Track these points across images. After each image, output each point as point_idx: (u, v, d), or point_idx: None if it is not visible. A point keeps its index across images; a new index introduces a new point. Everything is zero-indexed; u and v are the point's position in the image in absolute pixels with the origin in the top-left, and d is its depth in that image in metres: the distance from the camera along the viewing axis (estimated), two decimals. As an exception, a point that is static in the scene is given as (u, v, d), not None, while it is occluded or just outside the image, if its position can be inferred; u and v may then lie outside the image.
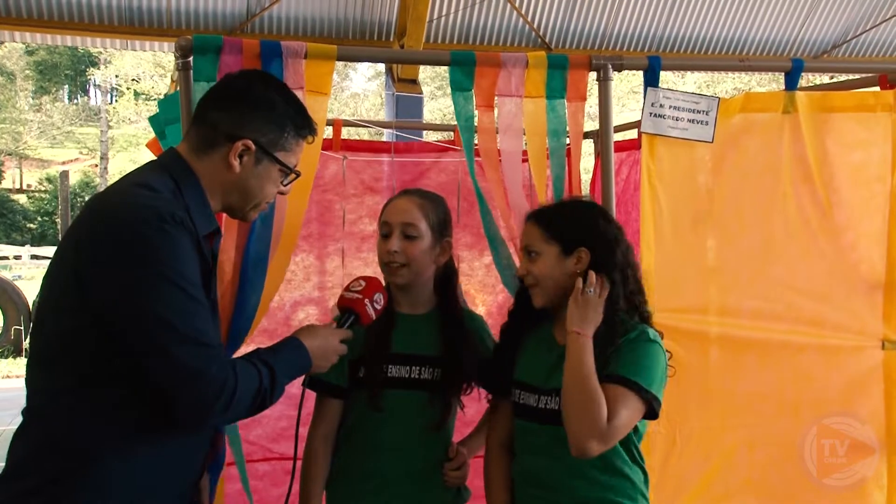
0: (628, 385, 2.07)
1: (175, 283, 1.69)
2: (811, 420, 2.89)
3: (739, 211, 2.89)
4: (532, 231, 2.27)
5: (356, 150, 4.30)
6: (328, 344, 2.05)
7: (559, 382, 2.14)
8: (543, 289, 2.23)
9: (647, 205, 2.73)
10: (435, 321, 2.44)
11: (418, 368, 2.37)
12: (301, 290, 4.14)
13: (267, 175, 1.95)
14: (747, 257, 2.88)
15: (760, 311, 2.87)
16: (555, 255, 2.21)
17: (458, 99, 2.66)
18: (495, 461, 2.37)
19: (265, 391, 1.81)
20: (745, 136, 2.88)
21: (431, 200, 2.45)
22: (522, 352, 2.33)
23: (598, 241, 2.20)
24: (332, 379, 2.36)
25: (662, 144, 2.76)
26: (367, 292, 2.19)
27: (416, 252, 2.37)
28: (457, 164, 4.20)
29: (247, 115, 1.91)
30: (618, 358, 2.10)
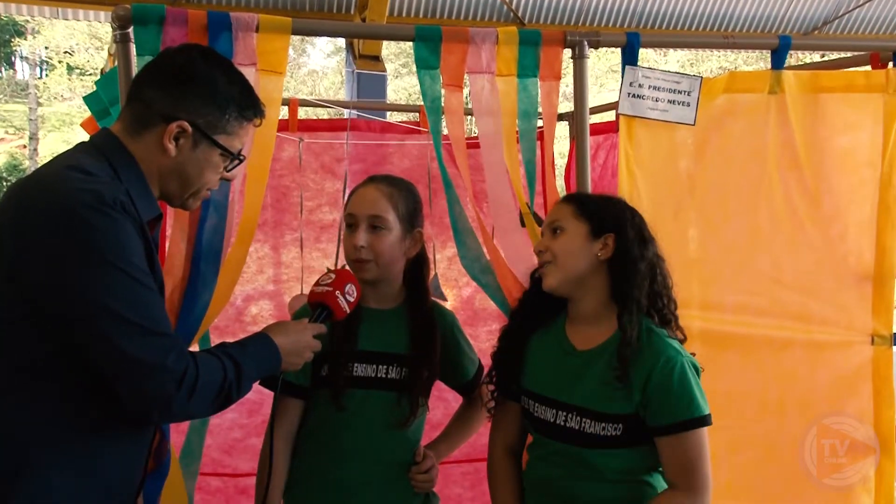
0: (690, 425, 2.09)
1: (123, 270, 1.68)
2: (799, 420, 2.94)
3: (723, 199, 2.93)
4: (562, 208, 2.28)
5: (314, 131, 4.29)
6: (300, 340, 2.06)
7: (582, 398, 2.15)
8: (560, 267, 2.22)
9: (625, 191, 2.75)
10: (403, 317, 2.45)
11: (385, 367, 2.38)
12: (254, 284, 4.12)
13: (206, 160, 1.92)
14: (731, 248, 2.92)
15: (744, 304, 2.91)
16: (582, 234, 2.22)
17: (424, 77, 2.66)
18: (502, 466, 2.37)
19: (230, 384, 1.81)
20: (729, 118, 2.92)
21: (400, 188, 2.44)
22: (530, 354, 2.33)
23: (629, 231, 2.22)
24: (293, 377, 2.35)
25: (641, 127, 2.79)
26: (337, 284, 2.20)
27: (384, 246, 2.36)
28: (422, 147, 4.21)
29: (184, 93, 1.88)
30: (664, 398, 2.09)
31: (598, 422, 2.12)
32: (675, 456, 2.10)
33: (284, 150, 4.16)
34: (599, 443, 2.13)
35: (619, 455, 2.14)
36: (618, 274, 2.20)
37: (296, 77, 28.94)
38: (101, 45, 27.72)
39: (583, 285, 2.22)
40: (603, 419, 2.12)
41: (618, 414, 2.11)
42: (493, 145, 2.67)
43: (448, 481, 3.82)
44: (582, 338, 2.25)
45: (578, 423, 2.14)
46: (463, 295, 4.26)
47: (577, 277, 2.22)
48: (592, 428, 2.12)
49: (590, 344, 2.22)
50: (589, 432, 2.13)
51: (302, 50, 29.32)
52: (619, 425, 2.11)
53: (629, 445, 2.13)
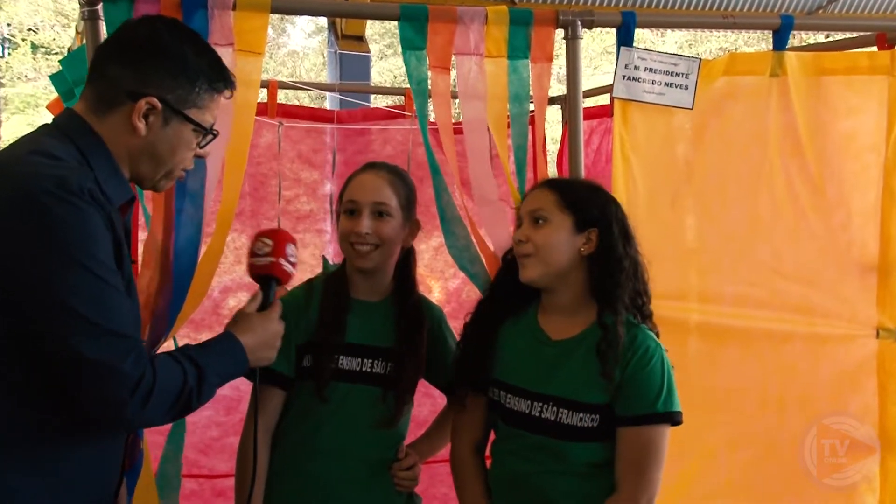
0: (657, 419, 2.14)
1: (85, 265, 1.65)
2: (800, 417, 2.96)
3: (722, 186, 2.94)
4: (545, 196, 2.28)
5: (294, 117, 4.28)
6: (267, 331, 2.04)
7: (560, 388, 2.17)
8: (542, 260, 2.23)
9: (620, 178, 2.76)
10: (390, 310, 2.45)
11: (371, 361, 2.39)
12: (231, 275, 4.12)
13: (178, 137, 1.90)
14: (730, 237, 2.93)
15: (744, 296, 2.92)
16: (566, 227, 2.23)
17: (410, 59, 2.66)
18: (469, 464, 2.37)
19: (190, 391, 1.78)
20: (728, 101, 2.93)
21: (400, 176, 2.48)
22: (501, 344, 2.34)
23: (614, 227, 2.24)
24: (277, 366, 2.32)
25: (637, 111, 2.79)
26: (278, 251, 2.14)
27: (389, 232, 2.39)
28: (407, 132, 4.21)
29: (151, 68, 1.85)
30: (638, 387, 2.15)
31: (576, 412, 2.16)
32: (629, 450, 2.14)
33: (262, 136, 4.16)
34: (575, 434, 2.16)
35: (593, 448, 2.17)
36: (600, 270, 2.23)
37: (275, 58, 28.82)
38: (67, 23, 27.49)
39: (562, 278, 2.24)
40: (580, 409, 2.15)
41: (595, 404, 2.15)
42: (477, 131, 2.68)
43: (434, 480, 3.83)
44: (556, 328, 2.27)
45: (555, 414, 2.17)
46: (449, 287, 4.26)
47: (558, 271, 2.24)
48: (569, 419, 2.16)
49: (565, 334, 2.25)
50: (566, 423, 2.16)
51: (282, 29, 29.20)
52: (596, 416, 2.15)
53: (604, 438, 2.16)
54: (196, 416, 3.74)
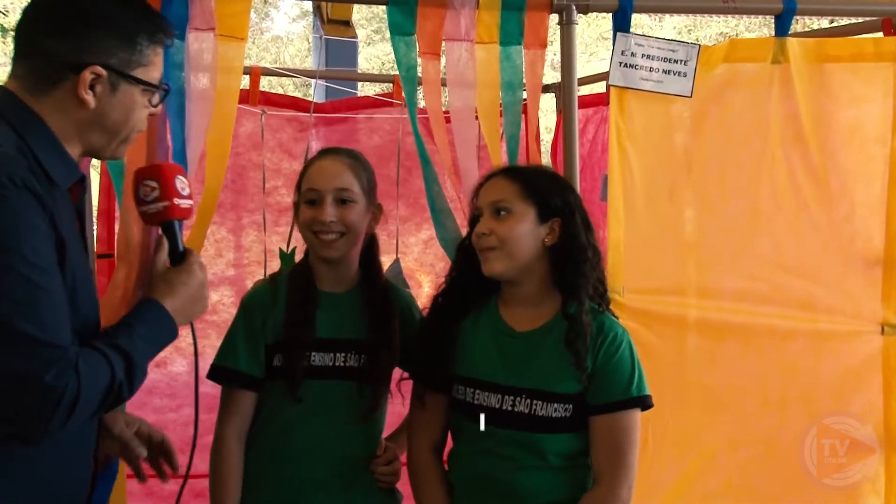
0: (632, 404, 2.20)
1: (12, 266, 1.57)
2: (802, 416, 2.97)
3: (722, 177, 2.95)
4: (505, 186, 2.28)
5: (277, 106, 4.28)
6: (189, 288, 1.95)
7: (533, 380, 2.19)
8: (507, 254, 2.23)
9: (616, 169, 2.77)
10: (358, 300, 2.45)
11: (343, 355, 2.39)
12: (213, 269, 4.12)
13: (130, 101, 1.84)
14: (730, 230, 2.94)
15: (744, 291, 2.93)
16: (530, 218, 2.24)
17: (399, 45, 2.66)
18: (429, 466, 2.36)
19: (120, 385, 1.71)
20: (728, 89, 2.94)
21: (360, 160, 2.47)
22: (463, 340, 2.34)
23: (576, 216, 2.26)
24: (246, 367, 2.35)
25: (634, 99, 2.80)
26: (169, 191, 1.97)
27: (353, 218, 2.38)
28: (395, 122, 4.21)
29: (87, 35, 1.78)
30: (610, 374, 2.20)
31: (550, 403, 2.19)
32: (606, 438, 2.18)
33: (243, 125, 4.15)
34: (550, 426, 2.19)
35: (567, 439, 2.21)
36: (563, 261, 2.25)
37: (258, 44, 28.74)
38: (41, 8, 27.33)
39: (525, 270, 2.26)
40: (554, 399, 2.19)
41: (568, 393, 2.19)
42: (465, 121, 2.68)
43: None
44: (520, 320, 2.29)
45: (528, 407, 2.20)
46: (439, 281, 4.28)
47: (522, 264, 2.25)
48: (544, 410, 2.19)
49: (530, 325, 2.28)
50: (540, 415, 2.19)
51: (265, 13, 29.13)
52: (569, 405, 2.19)
53: (577, 428, 2.20)
54: (176, 413, 3.74)
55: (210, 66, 2.54)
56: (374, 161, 4.23)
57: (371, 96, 4.58)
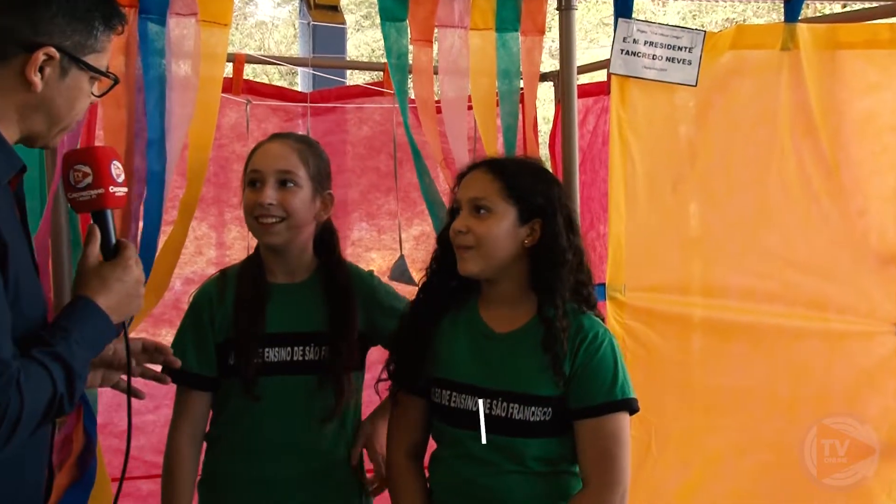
0: (616, 407, 2.19)
1: None
2: (812, 421, 2.97)
3: (728, 169, 2.95)
4: (486, 182, 2.26)
5: (262, 95, 4.28)
6: (125, 285, 1.87)
7: (509, 382, 2.20)
8: (483, 255, 2.23)
9: (618, 161, 2.78)
10: (316, 289, 2.46)
11: (301, 348, 2.40)
12: (193, 266, 4.11)
13: (77, 88, 1.81)
14: (737, 225, 2.95)
15: (752, 289, 2.94)
16: (510, 219, 2.23)
17: (390, 31, 2.67)
18: (407, 472, 2.37)
19: (61, 398, 1.67)
20: (735, 78, 2.95)
21: (309, 145, 2.47)
22: (441, 340, 2.35)
23: (559, 217, 2.24)
24: (196, 367, 2.36)
25: (636, 88, 2.81)
26: (103, 178, 1.89)
27: (295, 203, 2.36)
28: (386, 112, 4.22)
29: (44, 15, 1.74)
30: (591, 376, 2.19)
31: (527, 406, 2.19)
32: (593, 442, 2.18)
33: (226, 115, 4.15)
34: (528, 430, 2.19)
35: (546, 444, 2.21)
36: (541, 264, 2.24)
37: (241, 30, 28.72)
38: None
39: (503, 271, 2.26)
40: (532, 402, 2.19)
41: (547, 396, 2.19)
42: (457, 111, 2.69)
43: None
44: (500, 320, 2.29)
45: (505, 410, 2.20)
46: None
47: (499, 265, 2.25)
48: (521, 413, 2.19)
49: (509, 326, 2.28)
50: (517, 419, 2.20)
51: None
52: (549, 409, 2.19)
53: (557, 433, 2.20)
54: (155, 414, 3.76)
55: (192, 52, 2.55)
56: (365, 153, 4.25)
57: (361, 85, 4.58)
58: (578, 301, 2.27)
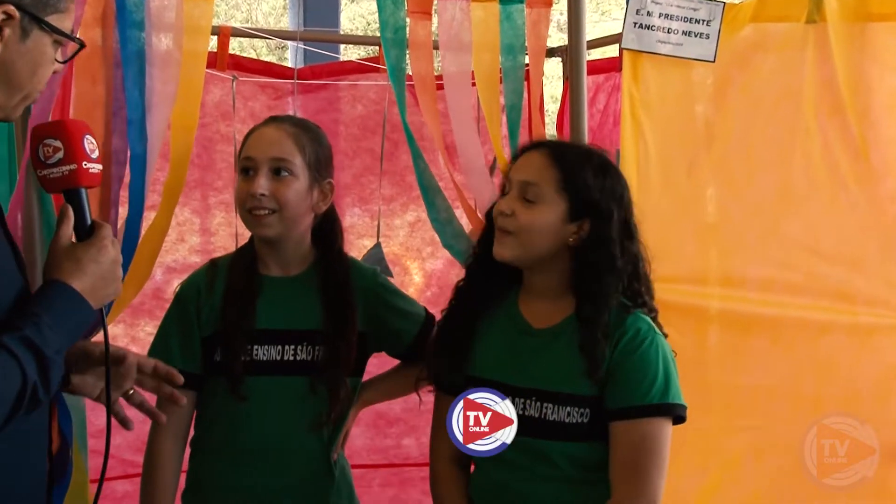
0: (653, 412, 2.15)
1: None
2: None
3: (748, 151, 2.97)
4: (543, 168, 2.23)
5: (249, 71, 4.28)
6: (101, 266, 1.83)
7: (542, 380, 2.19)
8: (522, 244, 2.22)
9: (629, 143, 2.80)
10: (312, 284, 2.45)
11: (293, 347, 2.40)
12: (174, 254, 4.12)
13: (39, 52, 1.76)
14: (757, 211, 2.97)
15: (773, 280, 2.96)
16: (559, 213, 2.21)
17: (385, 3, 2.68)
18: (448, 476, 2.38)
19: (34, 387, 1.65)
20: (756, 53, 2.96)
21: (308, 130, 2.45)
22: (479, 337, 2.35)
23: (613, 221, 2.21)
24: (180, 363, 2.34)
25: (650, 65, 2.83)
26: (75, 153, 1.84)
27: (289, 194, 2.35)
28: (381, 89, 4.22)
29: None
30: (628, 374, 2.16)
31: (563, 406, 2.18)
32: (622, 447, 2.14)
33: (211, 92, 4.15)
34: (563, 432, 2.18)
35: (584, 448, 2.19)
36: (585, 266, 2.22)
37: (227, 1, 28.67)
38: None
39: (541, 263, 2.25)
40: (568, 402, 2.17)
41: (584, 396, 2.17)
42: (461, 88, 2.69)
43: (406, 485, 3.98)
44: (539, 314, 2.28)
45: (539, 410, 2.19)
46: (427, 268, 4.26)
47: (536, 256, 2.24)
48: (556, 414, 2.18)
49: (549, 321, 2.27)
50: (551, 420, 2.18)
51: (234, -34, 29.05)
52: (586, 409, 2.16)
53: (596, 437, 2.17)
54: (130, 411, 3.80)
55: (174, 25, 2.55)
56: (358, 133, 4.25)
57: (355, 61, 4.58)
58: (629, 302, 2.24)
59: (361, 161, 4.25)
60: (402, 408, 3.00)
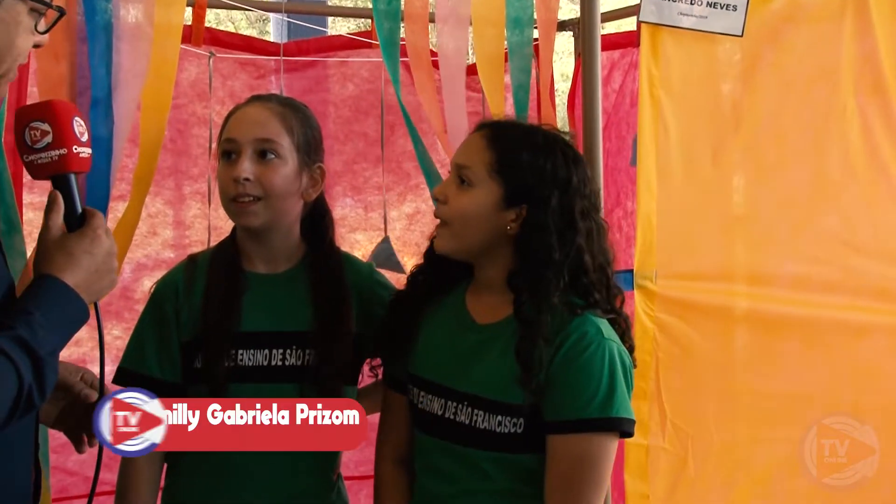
0: (594, 426, 2.09)
1: None
2: (881, 431, 3.01)
3: (780, 135, 2.98)
4: (478, 150, 2.21)
5: (228, 47, 4.29)
6: (95, 258, 1.85)
7: (475, 384, 2.17)
8: (456, 234, 2.21)
9: (648, 126, 2.81)
10: (302, 281, 2.44)
11: (282, 351, 2.38)
12: (145, 249, 4.12)
13: (14, 21, 1.75)
14: (789, 202, 2.98)
15: (807, 277, 2.97)
16: (493, 199, 2.18)
17: (378, -30, 2.69)
18: (387, 482, 2.39)
19: (29, 390, 1.67)
20: (789, 27, 2.97)
21: (296, 109, 2.43)
22: (423, 329, 2.34)
23: (548, 202, 2.15)
24: (157, 372, 2.34)
25: (671, 40, 2.84)
26: (65, 136, 1.86)
27: (276, 179, 2.32)
28: (375, 67, 4.23)
29: None
30: (567, 383, 2.10)
31: (493, 413, 2.14)
32: (561, 464, 2.10)
33: (185, 70, 4.15)
34: (494, 442, 2.14)
35: (518, 462, 2.15)
36: (522, 258, 2.18)
37: (202, -32, 28.60)
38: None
39: (483, 255, 2.24)
40: (499, 410, 2.13)
41: (516, 405, 2.12)
42: (456, 66, 2.69)
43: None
44: (483, 309, 2.25)
45: (469, 416, 2.17)
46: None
47: (476, 249, 2.23)
48: (486, 422, 2.14)
49: (492, 317, 2.24)
50: (481, 427, 2.14)
51: (210, -70, 28.97)
52: (519, 419, 2.12)
53: (533, 449, 2.13)
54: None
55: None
56: (350, 115, 4.26)
57: (345, 35, 4.58)
58: (581, 302, 2.18)
59: (353, 146, 4.24)
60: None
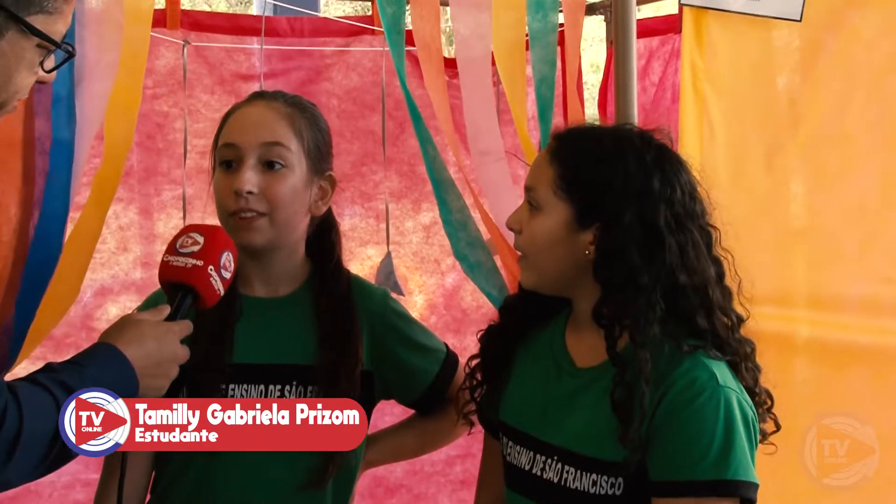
0: (706, 490, 1.99)
1: None
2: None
3: (844, 137, 2.98)
4: (541, 167, 2.19)
5: (206, 30, 4.29)
6: (163, 349, 2.00)
7: (566, 436, 2.13)
8: (532, 265, 2.20)
9: (691, 124, 2.82)
10: (306, 307, 2.45)
11: (280, 387, 2.38)
12: (112, 269, 4.10)
13: (17, 56, 1.84)
14: (856, 214, 2.98)
15: (876, 300, 2.97)
16: (564, 219, 2.14)
17: (379, -54, 2.70)
18: None
19: None
20: (854, 11, 2.97)
21: (304, 110, 2.43)
22: (515, 368, 2.34)
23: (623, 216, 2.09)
24: None
25: (717, 25, 2.85)
26: (209, 254, 2.08)
27: (284, 191, 2.32)
28: (379, 56, 4.24)
29: None
30: (672, 438, 2.01)
31: (587, 472, 2.08)
32: None
33: (159, 58, 4.16)
34: None
35: None
36: (603, 285, 2.13)
37: (178, -57, 28.66)
38: None
39: (573, 286, 2.20)
40: (593, 468, 2.08)
41: (613, 462, 2.05)
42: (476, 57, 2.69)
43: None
44: (584, 350, 2.21)
45: (558, 473, 2.12)
46: (447, 283, 4.17)
47: (559, 280, 2.20)
48: (577, 481, 2.09)
49: (592, 359, 2.19)
50: (572, 487, 2.10)
51: None
52: (618, 480, 2.05)
53: None
54: (55, 474, 3.86)
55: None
56: (353, 110, 4.26)
57: (344, 20, 4.58)
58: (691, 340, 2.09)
59: (361, 146, 4.20)
60: (406, 471, 2.99)
